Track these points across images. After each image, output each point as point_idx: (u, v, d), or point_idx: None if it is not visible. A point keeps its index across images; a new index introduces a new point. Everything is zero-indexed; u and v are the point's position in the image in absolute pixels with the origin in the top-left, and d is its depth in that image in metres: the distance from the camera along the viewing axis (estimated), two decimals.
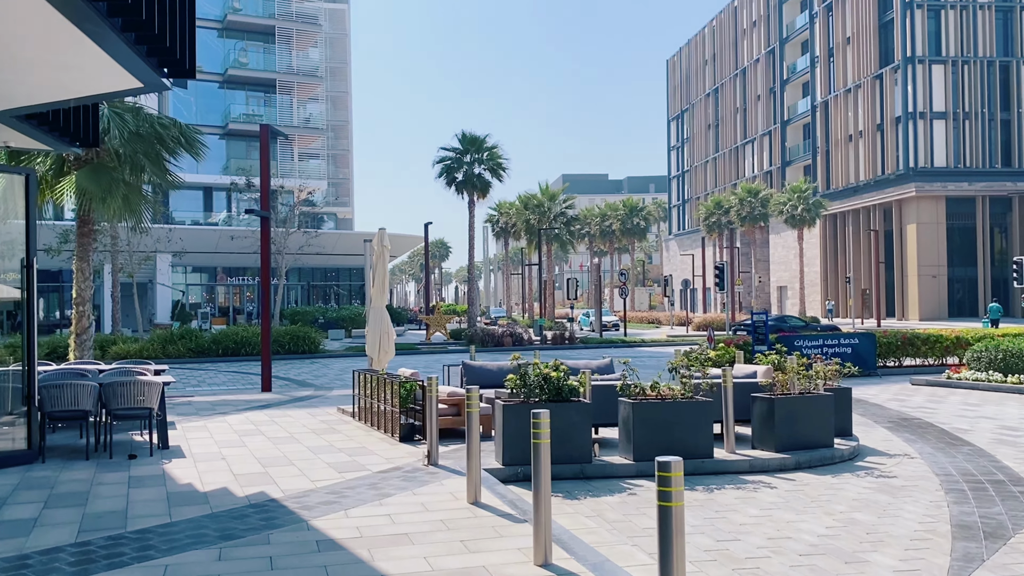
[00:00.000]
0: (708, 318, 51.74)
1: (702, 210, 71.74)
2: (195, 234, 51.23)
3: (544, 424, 5.79)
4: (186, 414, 14.18)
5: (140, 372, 11.55)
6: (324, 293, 61.29)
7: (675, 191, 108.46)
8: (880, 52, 64.36)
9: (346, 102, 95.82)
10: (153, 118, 18.50)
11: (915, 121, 61.09)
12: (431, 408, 9.12)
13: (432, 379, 9.18)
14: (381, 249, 14.06)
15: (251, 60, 61.92)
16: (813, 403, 10.17)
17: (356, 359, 30.37)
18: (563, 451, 9.07)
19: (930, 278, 60.17)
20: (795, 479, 9.19)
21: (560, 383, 9.07)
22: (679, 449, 9.25)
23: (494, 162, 45.05)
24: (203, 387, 20.61)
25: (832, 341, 22.16)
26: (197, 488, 8.29)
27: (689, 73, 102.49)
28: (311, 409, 14.81)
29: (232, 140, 61.23)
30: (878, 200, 63.46)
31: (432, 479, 8.54)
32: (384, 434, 11.47)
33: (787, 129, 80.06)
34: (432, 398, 9.15)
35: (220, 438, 11.38)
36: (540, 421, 5.81)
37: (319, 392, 18.50)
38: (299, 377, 23.34)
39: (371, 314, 14.04)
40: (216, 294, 57.78)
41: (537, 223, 56.12)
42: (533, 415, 5.85)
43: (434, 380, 9.17)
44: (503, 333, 35.81)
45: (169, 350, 29.37)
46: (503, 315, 70.95)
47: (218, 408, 15.22)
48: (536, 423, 5.82)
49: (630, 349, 34.82)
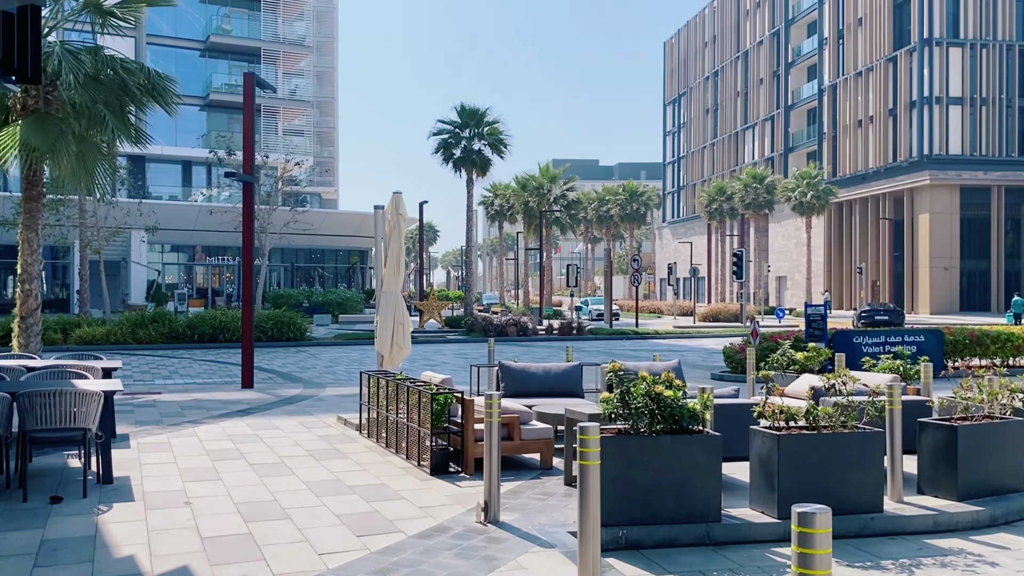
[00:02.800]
0: (715, 308, 49.12)
1: (703, 196, 69.04)
2: (172, 210, 47.98)
3: None
4: (147, 422, 11.27)
5: (80, 372, 8.62)
6: (308, 275, 58.14)
7: (670, 177, 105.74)
8: (894, 34, 61.71)
9: (332, 78, 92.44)
10: (116, 61, 15.44)
11: (930, 106, 58.55)
12: (492, 439, 6.27)
13: (494, 398, 6.32)
14: (396, 218, 11.17)
15: (235, 27, 58.49)
16: (1006, 433, 7.41)
17: (346, 348, 27.48)
18: (681, 505, 6.27)
19: (942, 270, 57.79)
20: (1005, 544, 6.43)
21: (679, 406, 6.25)
22: (838, 498, 6.48)
23: (495, 138, 42.08)
24: (174, 379, 17.67)
25: (895, 339, 19.49)
26: (142, 568, 5.42)
27: (688, 55, 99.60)
28: (304, 417, 11.92)
29: (213, 111, 57.85)
30: (889, 188, 60.96)
31: (503, 552, 5.70)
32: (407, 461, 8.62)
33: (791, 114, 77.41)
34: (493, 426, 6.29)
35: (187, 464, 8.48)
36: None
37: (310, 390, 15.61)
38: (284, 369, 20.45)
39: (382, 300, 11.16)
40: (194, 274, 54.51)
41: (537, 206, 53.22)
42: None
43: (496, 399, 6.31)
44: (507, 322, 32.95)
45: (140, 335, 26.40)
46: (496, 301, 68.09)
47: (188, 412, 12.31)
48: None
49: (645, 341, 32.09)
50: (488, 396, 6.29)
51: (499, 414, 6.29)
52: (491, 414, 6.28)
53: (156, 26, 55.23)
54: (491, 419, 6.26)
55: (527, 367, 10.67)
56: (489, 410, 6.27)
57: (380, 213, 11.37)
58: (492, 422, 6.27)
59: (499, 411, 6.29)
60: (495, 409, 6.29)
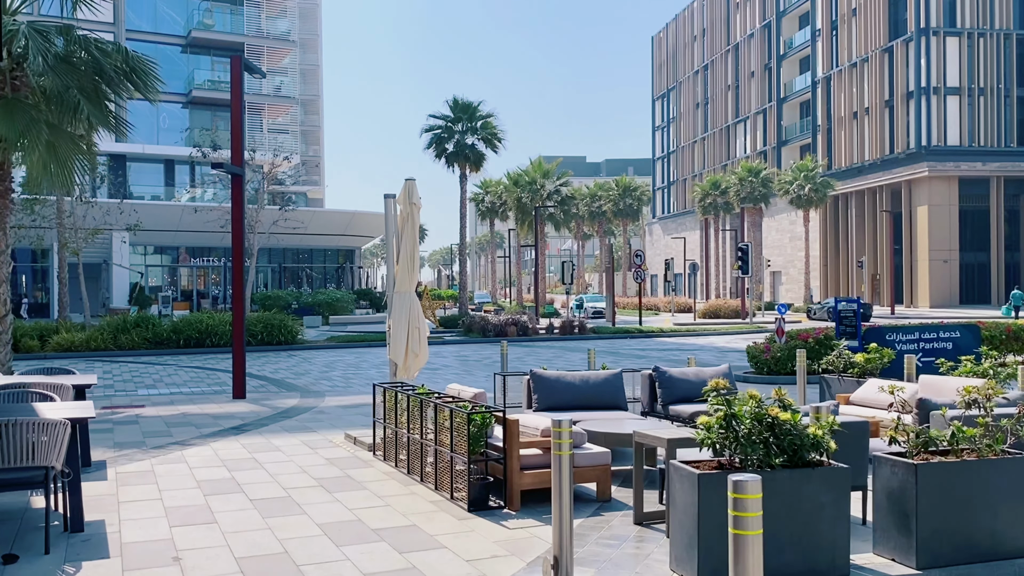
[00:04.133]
0: (714, 304, 47.98)
1: (697, 191, 67.87)
2: (155, 210, 46.33)
3: None
4: (127, 444, 9.89)
5: (45, 393, 7.24)
6: (296, 276, 56.60)
7: (659, 173, 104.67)
8: (890, 24, 60.73)
9: (317, 75, 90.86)
10: (90, 41, 13.99)
11: (928, 97, 57.58)
12: (563, 477, 4.95)
13: (564, 425, 5.00)
14: (409, 208, 9.83)
15: (217, 22, 56.81)
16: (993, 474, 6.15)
17: (340, 351, 26.09)
18: (803, 556, 4.98)
19: (941, 263, 56.88)
20: None
21: (801, 434, 4.96)
22: (987, 541, 5.23)
23: (488, 131, 40.77)
24: (158, 389, 16.26)
25: (930, 335, 18.31)
26: None
27: (676, 49, 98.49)
28: (307, 435, 10.56)
29: (196, 109, 56.17)
30: (886, 180, 60.01)
31: None
32: (436, 492, 7.29)
33: (783, 107, 76.39)
34: (564, 461, 4.97)
35: (175, 501, 7.12)
36: None
37: (308, 400, 14.25)
38: (277, 375, 19.07)
39: (395, 301, 9.82)
40: (178, 276, 52.85)
41: (530, 202, 51.88)
42: None
43: (567, 427, 5.00)
44: (506, 321, 31.61)
45: (121, 340, 24.92)
46: (488, 300, 66.77)
47: (175, 430, 10.94)
48: None
49: (650, 340, 30.85)
50: (557, 423, 4.97)
51: (569, 445, 4.98)
52: (560, 444, 4.96)
53: (135, 21, 53.54)
54: (561, 451, 4.95)
55: (562, 376, 9.37)
56: (559, 440, 4.95)
57: (391, 202, 10.03)
58: (563, 456, 4.96)
59: (570, 440, 4.98)
60: (565, 439, 4.97)
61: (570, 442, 4.98)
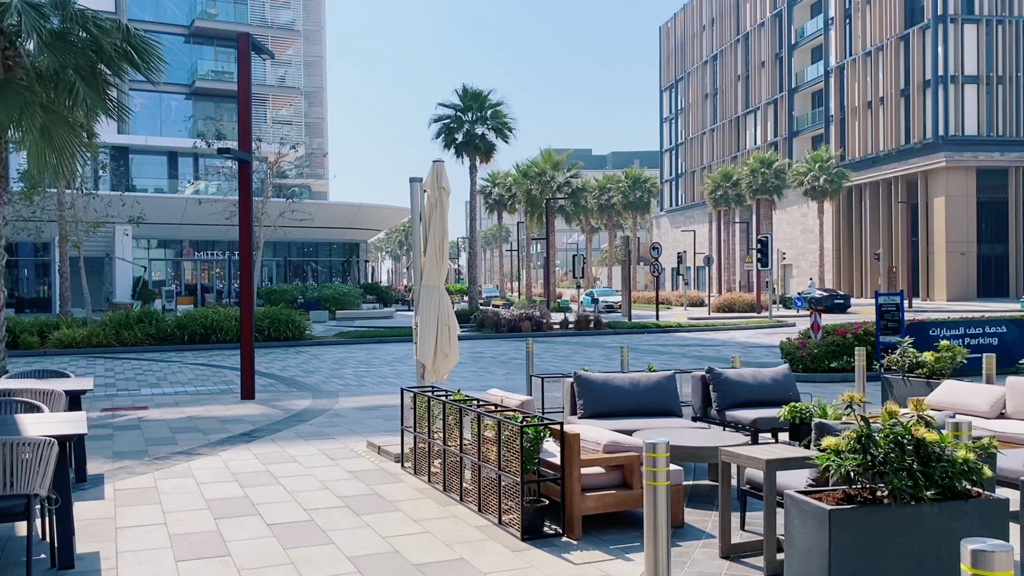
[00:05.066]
0: (729, 298, 47.01)
1: (708, 183, 66.82)
2: (158, 203, 45.39)
3: None
4: (128, 453, 8.98)
5: (32, 403, 6.32)
6: (300, 270, 55.67)
7: (667, 165, 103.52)
8: (905, 11, 59.54)
9: (321, 67, 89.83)
10: (87, 17, 13.06)
11: (945, 86, 56.42)
12: (658, 514, 4.02)
13: (659, 450, 4.06)
14: (438, 193, 8.89)
15: (220, 11, 55.79)
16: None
17: (349, 348, 25.19)
18: None
19: (958, 255, 55.79)
20: None
21: (954, 459, 4.02)
22: None
23: (499, 121, 39.83)
24: (162, 388, 15.38)
25: (975, 329, 17.40)
26: None
27: (685, 39, 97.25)
28: (324, 443, 9.64)
29: (199, 100, 55.22)
30: (901, 171, 58.88)
31: None
32: (481, 515, 6.36)
33: (795, 97, 75.22)
34: (660, 494, 4.04)
35: (181, 527, 6.20)
36: None
37: (321, 401, 13.34)
38: (285, 373, 18.18)
39: (422, 296, 8.89)
40: (182, 270, 51.96)
41: (540, 194, 50.89)
42: None
43: (663, 451, 4.07)
44: (520, 316, 30.66)
45: (124, 336, 24.05)
46: (496, 294, 65.87)
47: (180, 437, 10.03)
48: None
49: (668, 335, 29.91)
50: (651, 446, 4.04)
51: (667, 474, 4.04)
52: (656, 473, 4.03)
53: (137, 11, 52.55)
54: (656, 480, 4.02)
55: (609, 379, 8.43)
56: (653, 467, 4.02)
57: (417, 187, 9.08)
58: (658, 486, 4.02)
59: (667, 468, 4.04)
60: (662, 466, 4.04)
61: (667, 469, 4.05)
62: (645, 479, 4.05)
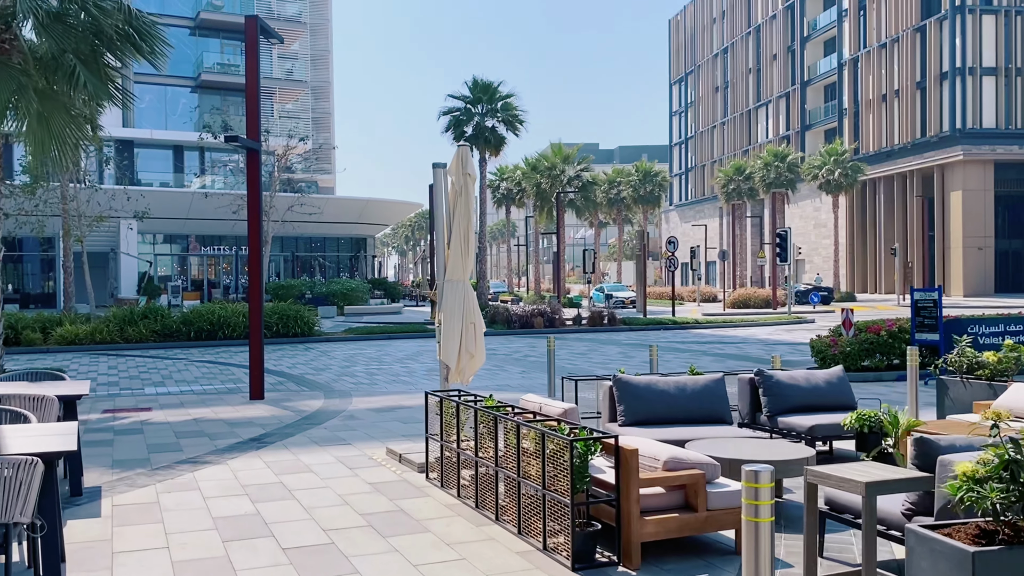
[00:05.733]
0: (744, 293, 46.22)
1: (720, 176, 65.93)
2: (164, 197, 44.78)
3: None
4: (129, 462, 8.30)
5: (19, 412, 5.63)
6: (308, 265, 55.02)
7: (676, 159, 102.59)
8: (922, 2, 58.55)
9: (327, 61, 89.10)
10: None
11: (963, 78, 55.45)
12: (760, 549, 3.32)
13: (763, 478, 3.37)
14: (464, 180, 8.19)
15: (226, 3, 55.11)
16: None
17: (359, 344, 24.53)
18: None
19: (976, 250, 54.87)
20: None
21: None
22: None
23: (509, 113, 39.12)
24: (167, 387, 14.73)
25: (1016, 326, 16.61)
26: None
27: (695, 32, 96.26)
28: (340, 449, 8.95)
29: (205, 93, 54.60)
30: (917, 165, 57.94)
31: None
32: (521, 538, 5.66)
33: (807, 90, 74.25)
34: (765, 532, 3.34)
35: (185, 553, 5.51)
36: None
37: (333, 402, 12.67)
38: (295, 371, 17.53)
39: (447, 292, 8.19)
40: (188, 265, 51.34)
41: (550, 187, 50.14)
42: None
43: (768, 481, 3.37)
44: (532, 312, 29.96)
45: (129, 333, 23.41)
46: (504, 289, 65.09)
47: (185, 443, 9.36)
48: None
49: (686, 332, 29.17)
50: (752, 475, 3.33)
51: (771, 508, 3.34)
52: (758, 507, 3.33)
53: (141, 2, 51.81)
54: (759, 515, 3.32)
55: (652, 382, 7.72)
56: (754, 499, 3.32)
57: (441, 173, 8.38)
58: (761, 523, 3.32)
59: (771, 501, 3.34)
60: (766, 499, 3.33)
61: (771, 503, 3.34)
62: (745, 513, 3.35)
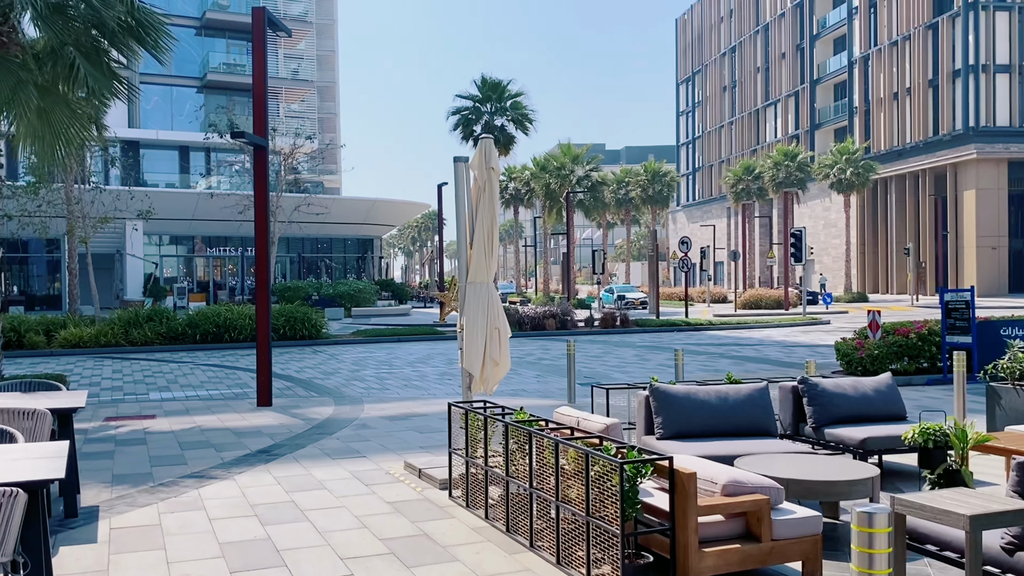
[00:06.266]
0: (755, 294, 45.66)
1: (729, 176, 65.34)
2: (169, 198, 44.35)
3: None
4: (130, 477, 7.78)
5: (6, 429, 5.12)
6: (314, 266, 54.55)
7: (684, 159, 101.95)
8: None
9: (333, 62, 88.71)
10: None
11: (976, 75, 54.74)
12: None
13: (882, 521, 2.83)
14: (487, 175, 7.67)
15: (232, 2, 54.70)
16: None
17: (368, 347, 24.01)
18: None
19: (989, 250, 54.18)
20: None
21: None
22: None
23: (519, 112, 38.64)
24: (172, 392, 14.23)
25: None
26: None
27: (702, 31, 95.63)
28: (354, 462, 8.42)
29: (211, 93, 54.15)
30: (929, 164, 57.26)
31: None
32: (560, 568, 5.12)
33: (816, 89, 73.57)
34: None
35: None
36: None
37: (345, 409, 12.14)
38: (303, 375, 17.01)
39: (469, 295, 7.66)
40: (194, 267, 50.91)
41: (559, 188, 49.61)
42: None
43: (886, 525, 2.83)
44: (544, 314, 29.41)
45: (134, 335, 22.94)
46: (512, 290, 64.59)
47: (190, 455, 8.84)
48: None
49: (700, 334, 28.60)
50: (867, 516, 2.79)
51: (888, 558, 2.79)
52: (872, 559, 2.78)
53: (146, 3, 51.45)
54: (873, 568, 2.76)
55: (692, 392, 7.18)
56: (868, 548, 2.77)
57: (463, 167, 7.86)
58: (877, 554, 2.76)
59: (889, 550, 2.79)
60: (882, 547, 2.78)
61: (888, 552, 2.79)
62: (855, 563, 2.80)
